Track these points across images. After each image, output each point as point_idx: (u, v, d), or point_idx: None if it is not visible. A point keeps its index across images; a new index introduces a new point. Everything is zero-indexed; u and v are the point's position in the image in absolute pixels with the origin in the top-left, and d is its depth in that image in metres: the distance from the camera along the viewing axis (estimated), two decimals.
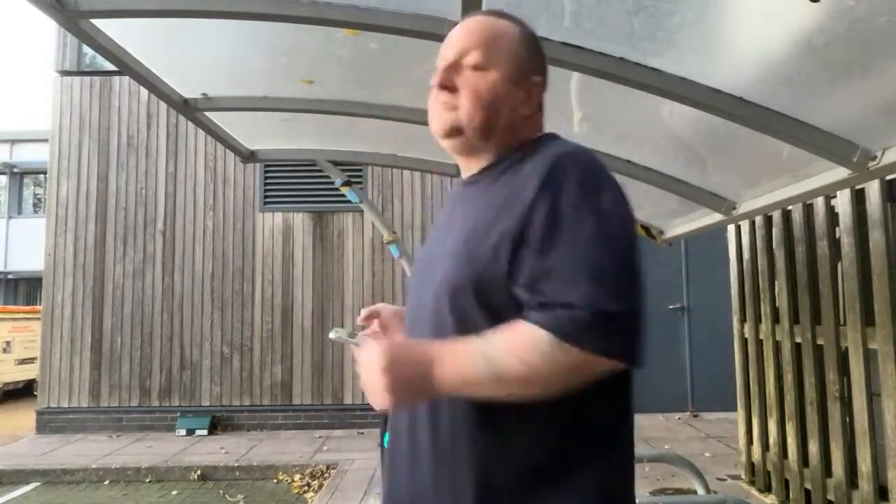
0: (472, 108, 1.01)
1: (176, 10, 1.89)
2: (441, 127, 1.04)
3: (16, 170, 16.57)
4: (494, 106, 1.02)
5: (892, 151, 1.92)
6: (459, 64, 1.03)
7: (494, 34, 1.05)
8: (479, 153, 1.05)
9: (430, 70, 1.10)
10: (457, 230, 1.01)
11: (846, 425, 3.30)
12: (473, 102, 1.01)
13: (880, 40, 1.55)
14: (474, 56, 1.02)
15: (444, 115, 1.03)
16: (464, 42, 1.04)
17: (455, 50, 1.04)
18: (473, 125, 1.01)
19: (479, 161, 1.06)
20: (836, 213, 3.32)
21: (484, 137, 1.03)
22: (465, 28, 1.07)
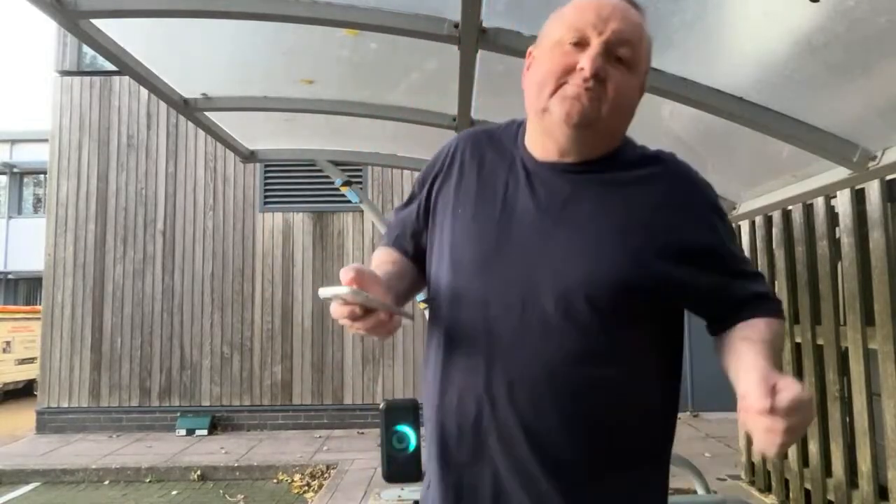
0: (615, 108, 0.97)
1: (176, 10, 1.89)
2: (578, 114, 0.94)
3: (16, 170, 16.55)
4: (629, 112, 1.02)
5: (892, 151, 1.92)
6: (611, 52, 0.95)
7: (643, 33, 1.00)
8: (586, 148, 1.00)
9: (429, 70, 1.10)
10: (585, 226, 0.97)
11: (846, 425, 3.30)
12: (618, 104, 0.97)
13: (880, 40, 1.55)
14: (626, 51, 0.96)
15: (586, 104, 0.94)
16: (621, 28, 0.96)
17: (611, 33, 0.95)
18: (610, 125, 0.99)
19: (574, 152, 1.00)
20: (836, 213, 3.32)
21: (609, 139, 1.02)
22: (623, 13, 0.97)
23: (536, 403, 0.94)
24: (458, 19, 1.77)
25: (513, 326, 0.95)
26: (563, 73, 0.95)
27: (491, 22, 1.83)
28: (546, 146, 1.02)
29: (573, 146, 0.99)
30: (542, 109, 0.98)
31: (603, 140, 1.01)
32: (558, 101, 0.95)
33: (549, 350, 0.94)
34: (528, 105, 1.03)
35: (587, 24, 0.95)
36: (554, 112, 0.96)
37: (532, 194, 1.01)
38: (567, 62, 0.95)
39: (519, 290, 0.96)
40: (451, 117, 2.64)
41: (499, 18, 1.83)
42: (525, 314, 0.95)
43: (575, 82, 0.94)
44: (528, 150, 1.05)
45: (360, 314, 0.86)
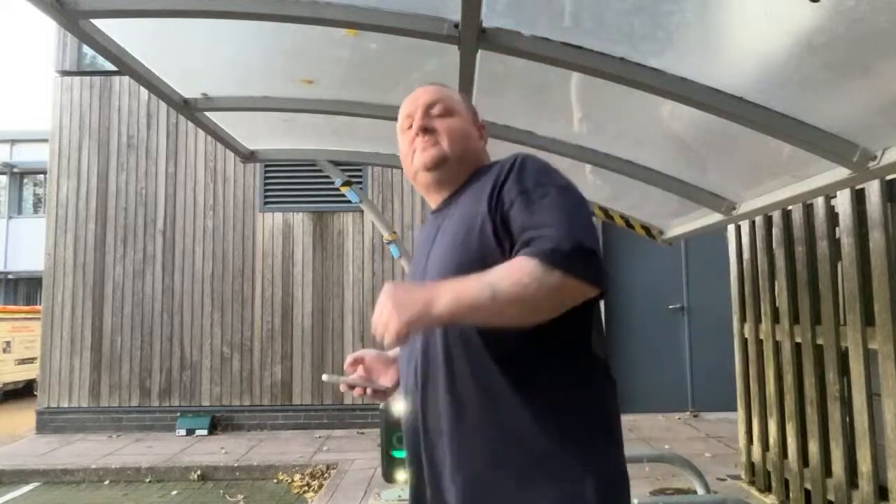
0: (451, 141, 1.29)
1: (176, 10, 1.89)
2: (429, 159, 1.28)
3: (16, 170, 16.56)
4: (465, 140, 1.32)
5: (892, 151, 1.92)
6: (429, 114, 1.32)
7: (447, 93, 1.37)
8: (452, 181, 1.31)
9: (429, 70, 1.11)
10: (442, 241, 1.24)
11: (846, 425, 3.30)
12: (451, 137, 1.30)
13: (880, 40, 1.55)
14: (440, 107, 1.32)
15: (430, 150, 1.28)
16: (427, 98, 1.33)
17: (422, 105, 1.32)
18: (456, 154, 1.29)
19: (448, 189, 1.32)
20: (836, 213, 3.32)
21: (462, 163, 1.30)
22: (425, 90, 1.36)
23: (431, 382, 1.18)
24: (458, 19, 1.77)
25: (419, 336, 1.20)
26: (411, 145, 1.33)
27: (491, 22, 1.83)
28: (432, 198, 1.37)
29: (442, 186, 1.32)
30: (413, 175, 1.34)
31: (458, 169, 1.30)
32: (416, 161, 1.31)
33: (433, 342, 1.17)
34: (410, 180, 1.39)
35: (410, 110, 1.35)
36: (418, 170, 1.31)
37: (423, 240, 1.35)
38: (409, 137, 1.34)
39: None
40: None
41: (499, 18, 1.83)
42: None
43: (418, 143, 1.31)
44: (431, 209, 1.38)
45: (349, 389, 1.38)
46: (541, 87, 2.38)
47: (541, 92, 2.43)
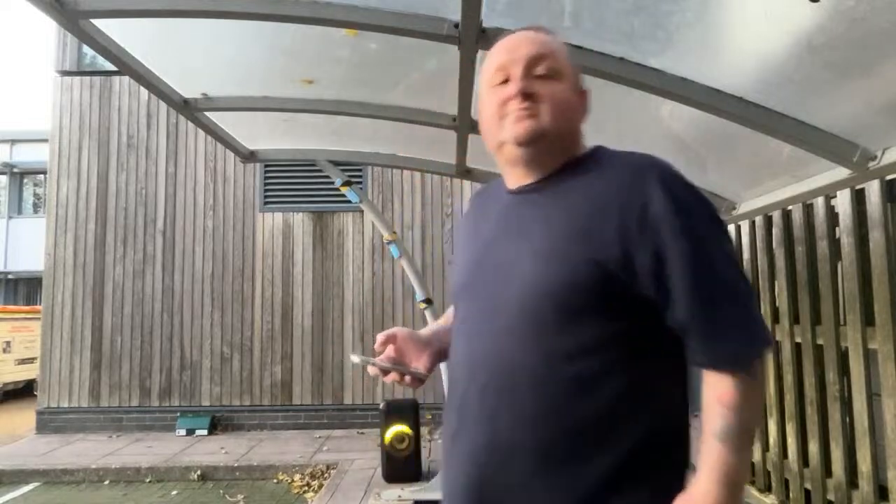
0: (555, 114, 1.06)
1: (176, 10, 1.89)
2: (524, 133, 1.06)
3: (16, 170, 16.55)
4: (569, 113, 1.09)
5: (892, 151, 1.92)
6: (531, 72, 1.07)
7: (554, 47, 1.12)
8: (544, 161, 1.10)
9: (429, 70, 1.11)
10: (536, 237, 1.05)
11: (846, 425, 3.30)
12: (556, 108, 1.06)
13: (880, 40, 1.54)
14: (545, 66, 1.08)
15: (527, 122, 1.05)
16: (530, 51, 1.09)
17: (524, 59, 1.08)
18: (557, 131, 1.07)
19: (536, 171, 1.10)
20: (836, 213, 3.31)
21: (560, 143, 1.09)
22: (528, 39, 1.12)
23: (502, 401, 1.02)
24: (458, 19, 1.77)
25: (483, 338, 1.07)
26: (502, 107, 1.08)
27: (491, 22, 1.83)
28: (514, 174, 1.14)
29: (533, 164, 1.10)
30: (498, 145, 1.11)
31: (557, 149, 1.09)
32: (506, 130, 1.08)
33: (508, 351, 1.02)
34: (489, 148, 1.16)
35: (505, 62, 1.09)
36: (507, 140, 1.08)
37: (499, 222, 1.14)
38: (501, 97, 1.08)
39: (487, 307, 1.07)
40: (451, 117, 2.64)
41: (499, 18, 1.83)
42: (493, 325, 1.05)
43: (512, 109, 1.07)
44: (506, 186, 1.17)
45: (381, 374, 1.13)
46: None
47: None
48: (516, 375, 1.01)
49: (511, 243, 1.08)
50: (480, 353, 1.06)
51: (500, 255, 1.09)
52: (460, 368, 1.11)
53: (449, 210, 7.43)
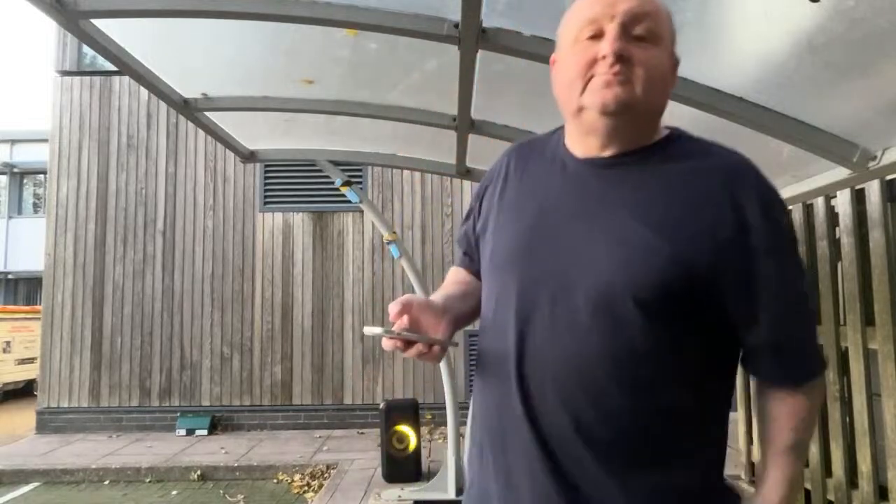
0: (649, 85, 0.93)
1: (176, 10, 1.89)
2: (614, 101, 0.92)
3: (16, 170, 16.55)
4: (664, 85, 0.98)
5: (892, 151, 1.92)
6: (628, 32, 0.93)
7: (657, 5, 0.97)
8: (627, 134, 0.97)
9: (429, 70, 1.10)
10: (615, 223, 0.94)
11: (846, 425, 3.30)
12: (650, 80, 0.93)
13: (880, 40, 1.55)
14: (645, 26, 0.94)
15: (617, 90, 0.92)
16: (632, 7, 0.94)
17: (623, 14, 0.93)
18: (648, 104, 0.95)
19: (615, 144, 0.98)
20: (836, 213, 3.31)
21: (650, 119, 0.99)
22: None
23: (559, 400, 0.93)
24: (458, 19, 1.76)
25: (543, 322, 0.96)
26: (588, 67, 0.94)
27: (491, 22, 1.83)
28: (587, 143, 1.01)
29: (614, 137, 0.97)
30: (577, 109, 0.97)
31: (643, 124, 0.98)
32: (591, 95, 0.94)
33: (574, 346, 0.93)
34: (563, 109, 1.02)
35: (599, 15, 0.94)
36: (589, 107, 0.95)
37: (566, 191, 1.01)
38: (589, 56, 0.94)
39: (548, 286, 0.96)
40: (451, 117, 2.64)
41: (499, 18, 1.83)
42: (555, 310, 0.95)
43: (602, 72, 0.93)
44: (570, 151, 1.04)
45: (402, 346, 0.92)
46: (541, 87, 2.38)
47: (541, 92, 2.43)
48: (596, 373, 0.92)
49: (581, 221, 0.97)
50: (548, 343, 0.95)
51: (566, 231, 0.97)
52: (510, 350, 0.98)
53: (449, 210, 7.43)
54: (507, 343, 0.98)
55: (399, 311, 0.96)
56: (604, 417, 0.92)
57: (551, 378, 0.94)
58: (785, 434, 0.99)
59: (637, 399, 0.92)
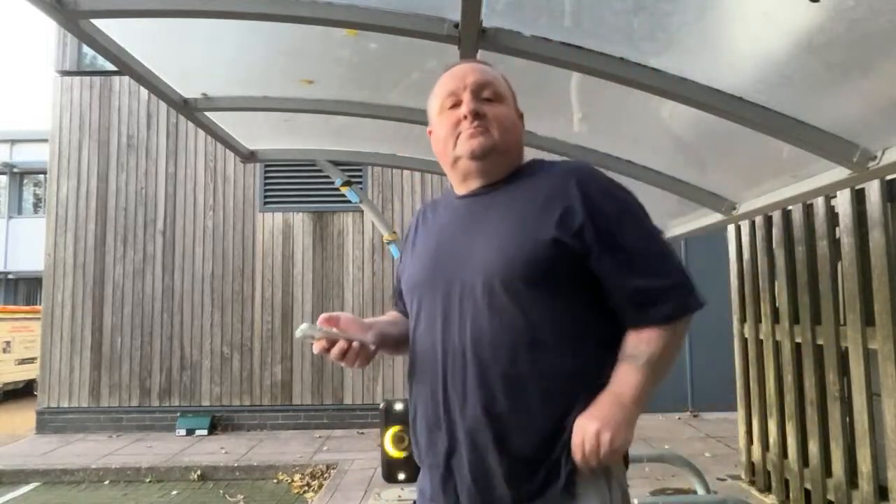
0: (502, 131, 1.23)
1: (176, 10, 1.89)
2: (479, 148, 1.21)
3: (16, 170, 16.55)
4: (513, 130, 1.26)
5: (892, 151, 1.92)
6: (479, 96, 1.23)
7: (495, 75, 1.29)
8: (495, 171, 1.25)
9: (429, 70, 1.12)
10: (495, 225, 1.19)
11: (846, 425, 3.30)
12: (502, 125, 1.23)
13: (880, 40, 1.55)
14: (490, 90, 1.24)
15: (479, 139, 1.21)
16: (476, 79, 1.25)
17: (471, 85, 1.24)
18: (505, 145, 1.23)
19: (487, 179, 1.26)
20: (836, 213, 3.31)
21: (509, 156, 1.25)
22: (472, 68, 1.28)
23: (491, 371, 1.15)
24: (458, 19, 1.76)
25: (457, 316, 1.18)
26: (454, 127, 1.23)
27: (491, 22, 1.83)
28: (465, 185, 1.29)
29: (484, 174, 1.25)
30: (453, 161, 1.26)
31: (504, 160, 1.25)
32: (461, 147, 1.23)
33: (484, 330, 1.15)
34: (443, 164, 1.31)
35: (455, 88, 1.25)
36: (462, 155, 1.23)
37: (452, 221, 1.28)
38: (453, 119, 1.24)
39: (454, 289, 1.19)
40: None
41: (499, 18, 1.83)
42: (464, 303, 1.17)
43: (465, 128, 1.22)
44: (456, 195, 1.32)
45: (326, 346, 1.17)
46: (541, 87, 2.38)
47: (541, 92, 2.43)
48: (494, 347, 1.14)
49: (465, 235, 1.22)
50: (456, 334, 1.17)
51: (455, 247, 1.23)
52: (431, 354, 1.21)
53: None
54: (434, 340, 1.21)
55: (326, 319, 1.22)
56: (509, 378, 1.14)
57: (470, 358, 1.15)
58: (632, 345, 1.14)
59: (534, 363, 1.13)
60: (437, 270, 1.24)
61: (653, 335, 1.14)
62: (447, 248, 1.25)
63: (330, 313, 1.23)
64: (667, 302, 1.15)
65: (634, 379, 1.12)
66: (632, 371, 1.12)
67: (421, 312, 1.26)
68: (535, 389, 1.13)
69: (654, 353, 1.13)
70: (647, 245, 1.18)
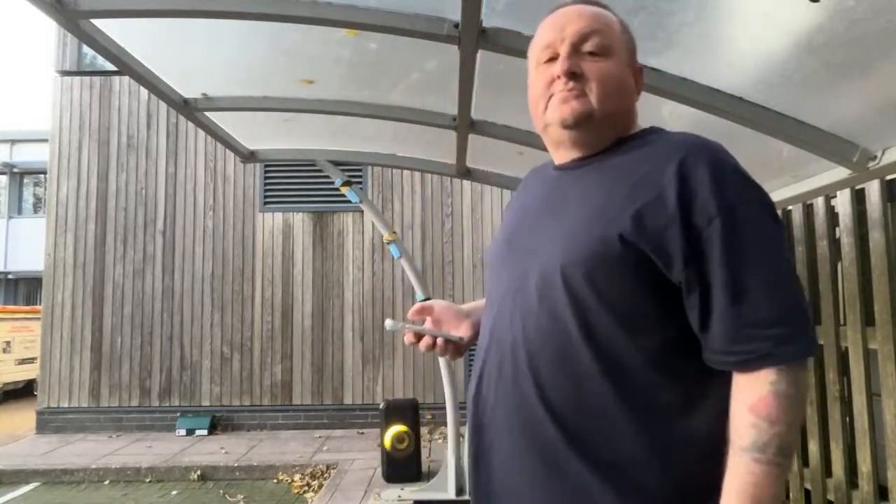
0: (603, 94, 1.01)
1: (176, 10, 1.89)
2: (571, 115, 1.01)
3: (16, 170, 16.55)
4: (620, 92, 1.03)
5: (892, 151, 1.92)
6: (579, 50, 1.02)
7: (606, 21, 1.05)
8: (593, 142, 1.04)
9: (429, 70, 1.11)
10: (572, 211, 1.00)
11: (846, 425, 3.30)
12: (604, 89, 1.01)
13: (880, 40, 1.54)
14: (593, 42, 1.02)
15: (573, 103, 1.00)
16: (579, 27, 1.03)
17: (572, 35, 1.02)
18: (606, 112, 1.01)
19: (584, 149, 1.06)
20: (836, 213, 3.31)
21: (612, 124, 1.04)
22: (577, 14, 1.05)
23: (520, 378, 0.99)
24: (458, 19, 1.76)
25: (507, 310, 1.03)
26: (547, 87, 1.04)
27: (491, 22, 1.83)
28: (559, 153, 1.10)
29: (580, 144, 1.05)
30: (543, 127, 1.08)
31: (606, 128, 1.03)
32: (552, 112, 1.03)
33: (530, 328, 0.98)
34: (536, 126, 1.12)
35: (552, 40, 1.05)
36: (552, 122, 1.04)
37: (538, 197, 1.11)
38: (547, 78, 1.04)
39: (514, 278, 1.04)
40: (451, 117, 2.63)
41: (499, 18, 1.83)
42: (516, 298, 1.02)
43: (558, 90, 1.02)
44: (553, 163, 1.13)
45: (414, 340, 1.14)
46: None
47: None
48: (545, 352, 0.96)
49: (545, 219, 1.05)
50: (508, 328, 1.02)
51: (528, 231, 1.07)
52: (482, 341, 1.09)
53: (449, 210, 7.43)
54: (488, 327, 1.08)
55: (418, 311, 1.16)
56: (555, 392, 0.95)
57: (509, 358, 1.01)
58: (742, 430, 0.85)
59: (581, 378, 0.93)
60: (507, 255, 1.09)
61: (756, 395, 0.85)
62: (522, 231, 1.09)
63: (424, 303, 1.17)
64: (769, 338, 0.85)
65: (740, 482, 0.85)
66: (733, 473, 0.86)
67: (488, 295, 1.12)
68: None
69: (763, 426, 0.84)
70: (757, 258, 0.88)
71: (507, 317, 1.02)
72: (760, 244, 0.88)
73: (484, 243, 7.35)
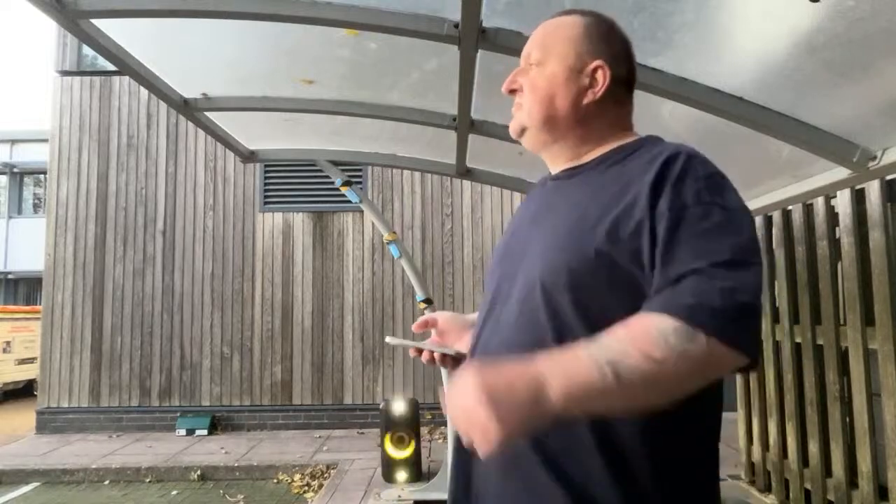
0: (531, 103, 1.04)
1: (176, 10, 1.89)
2: (512, 129, 1.07)
3: (16, 170, 16.55)
4: (551, 97, 1.02)
5: (892, 151, 1.92)
6: (526, 67, 1.07)
7: (553, 28, 1.07)
8: (554, 148, 1.07)
9: (429, 70, 1.12)
10: (555, 222, 1.00)
11: (846, 425, 3.30)
12: (532, 98, 1.04)
13: (880, 40, 1.54)
14: (534, 54, 1.06)
15: (515, 117, 1.06)
16: (527, 46, 1.08)
17: (523, 56, 1.09)
18: (534, 120, 1.04)
19: (563, 156, 1.07)
20: (836, 213, 3.31)
21: (547, 130, 1.04)
22: (541, 26, 1.10)
23: None
24: (458, 19, 1.76)
25: (493, 320, 1.03)
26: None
27: (491, 22, 1.83)
28: (548, 164, 1.12)
29: (550, 155, 1.09)
30: None
31: (554, 134, 1.05)
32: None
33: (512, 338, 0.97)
34: None
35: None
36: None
37: (533, 208, 1.11)
38: None
39: (502, 287, 1.04)
40: (451, 117, 2.64)
41: (499, 18, 1.83)
42: (503, 308, 1.01)
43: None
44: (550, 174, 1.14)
45: (417, 353, 1.14)
46: None
47: None
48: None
49: (533, 229, 1.04)
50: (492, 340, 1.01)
51: (520, 241, 1.06)
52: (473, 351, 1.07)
53: (449, 210, 7.43)
54: (476, 336, 1.07)
55: (422, 324, 1.18)
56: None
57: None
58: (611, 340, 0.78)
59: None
60: (499, 263, 1.09)
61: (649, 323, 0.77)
62: (514, 241, 1.08)
63: (427, 316, 1.17)
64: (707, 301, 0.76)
65: (579, 368, 0.76)
66: (583, 357, 0.77)
67: (480, 312, 1.11)
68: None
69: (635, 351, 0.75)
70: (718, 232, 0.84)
71: (493, 325, 1.02)
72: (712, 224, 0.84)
73: (484, 243, 7.35)
